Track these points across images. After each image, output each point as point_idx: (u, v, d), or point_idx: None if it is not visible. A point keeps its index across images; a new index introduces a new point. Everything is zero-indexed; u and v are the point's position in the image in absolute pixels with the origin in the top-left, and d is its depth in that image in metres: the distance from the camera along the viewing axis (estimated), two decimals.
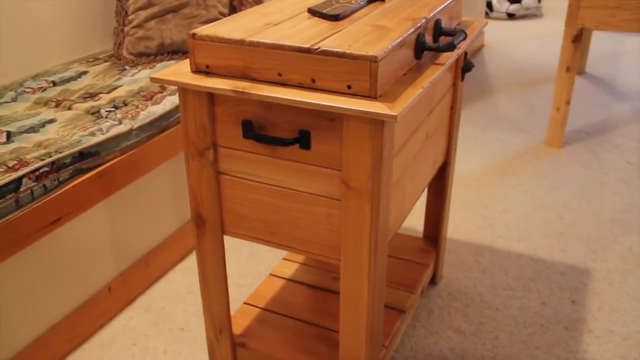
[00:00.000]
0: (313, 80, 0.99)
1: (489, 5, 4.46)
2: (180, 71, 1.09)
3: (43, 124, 1.53)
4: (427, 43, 1.11)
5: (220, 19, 2.11)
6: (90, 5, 2.12)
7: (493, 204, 2.11)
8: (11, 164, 1.32)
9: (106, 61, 2.03)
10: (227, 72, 1.05)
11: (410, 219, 2.03)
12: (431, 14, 1.16)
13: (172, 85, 1.06)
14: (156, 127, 1.63)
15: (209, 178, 1.15)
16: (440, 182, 1.60)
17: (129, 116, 1.59)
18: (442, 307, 1.64)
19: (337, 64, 0.96)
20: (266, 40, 1.00)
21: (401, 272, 1.58)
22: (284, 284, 1.55)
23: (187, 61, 1.12)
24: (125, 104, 1.65)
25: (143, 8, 2.02)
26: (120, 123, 1.55)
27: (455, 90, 1.45)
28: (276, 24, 1.09)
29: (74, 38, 2.09)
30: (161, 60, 2.00)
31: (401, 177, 1.17)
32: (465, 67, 1.43)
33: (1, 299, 1.32)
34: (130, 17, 2.03)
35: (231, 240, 1.93)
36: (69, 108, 1.64)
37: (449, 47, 1.10)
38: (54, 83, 1.82)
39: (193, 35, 1.05)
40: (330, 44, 0.97)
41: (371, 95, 0.96)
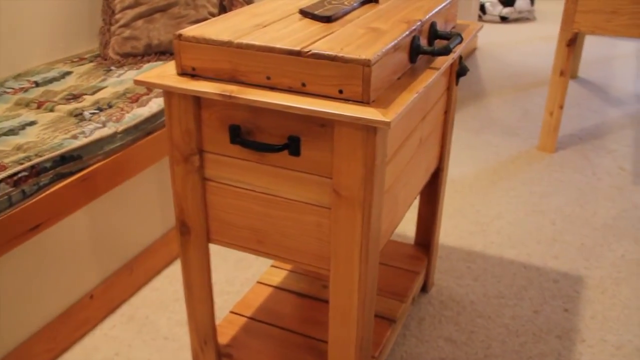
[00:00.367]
0: (303, 84, 0.95)
1: (482, 8, 4.45)
2: (165, 73, 1.05)
3: (23, 127, 1.48)
4: (422, 46, 1.07)
5: (209, 19, 2.07)
6: (75, 3, 2.07)
7: (485, 210, 2.08)
8: None
9: (91, 61, 1.98)
10: (214, 75, 1.01)
11: (401, 224, 1.99)
12: (426, 17, 1.12)
13: (157, 88, 1.02)
14: (141, 130, 1.58)
15: (195, 184, 1.11)
16: (432, 188, 1.56)
17: (114, 119, 1.54)
18: (434, 316, 1.60)
19: (329, 68, 0.92)
20: (255, 42, 0.96)
21: (392, 280, 1.54)
22: (272, 292, 1.51)
23: (173, 63, 1.08)
24: (109, 106, 1.60)
25: (130, 7, 1.97)
26: (104, 126, 1.50)
27: (449, 94, 1.42)
28: (266, 26, 1.05)
29: (58, 37, 2.04)
30: (148, 61, 1.95)
31: (394, 185, 1.13)
32: (460, 71, 1.39)
33: None
34: (117, 16, 1.98)
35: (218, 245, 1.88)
36: (51, 110, 1.59)
37: (445, 51, 1.06)
38: (37, 83, 1.77)
39: (179, 36, 1.01)
40: (321, 47, 0.93)
41: (364, 100, 0.92)
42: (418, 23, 1.08)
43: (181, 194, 1.13)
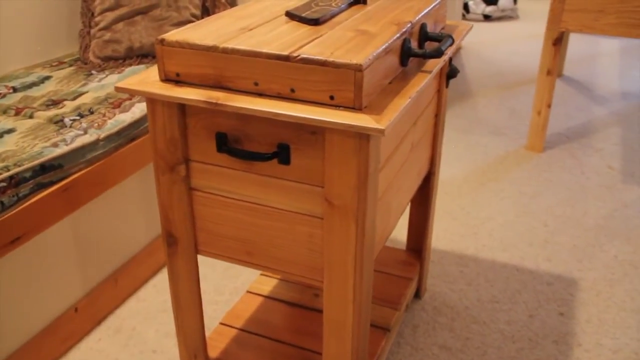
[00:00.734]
0: (292, 90, 0.91)
1: (465, 6, 4.44)
2: (148, 80, 1.00)
3: (1, 134, 1.43)
4: (413, 49, 1.04)
5: (192, 22, 2.02)
6: (53, 5, 2.01)
7: (476, 212, 2.06)
8: None
9: (71, 65, 1.93)
10: (199, 81, 0.97)
11: None
12: (416, 18, 1.09)
13: (139, 95, 0.97)
14: (124, 137, 1.54)
15: (181, 195, 1.07)
16: (424, 192, 1.53)
17: (95, 125, 1.49)
18: (428, 322, 1.57)
19: (319, 73, 0.88)
20: (241, 46, 0.92)
21: (385, 288, 1.51)
22: (262, 302, 1.47)
23: (156, 68, 1.04)
24: (91, 112, 1.55)
25: (110, 9, 1.92)
26: (85, 133, 1.46)
27: (439, 97, 1.39)
28: (252, 29, 1.01)
29: (36, 40, 1.98)
30: (130, 64, 1.90)
31: (386, 192, 1.10)
32: (450, 73, 1.36)
33: None
34: (96, 19, 1.93)
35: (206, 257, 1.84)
36: (30, 116, 1.54)
37: (437, 54, 1.03)
38: (14, 89, 1.71)
39: (162, 40, 0.97)
40: (310, 51, 0.90)
41: (356, 106, 0.89)
42: (408, 25, 1.05)
43: (167, 205, 1.09)
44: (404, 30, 1.02)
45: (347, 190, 0.93)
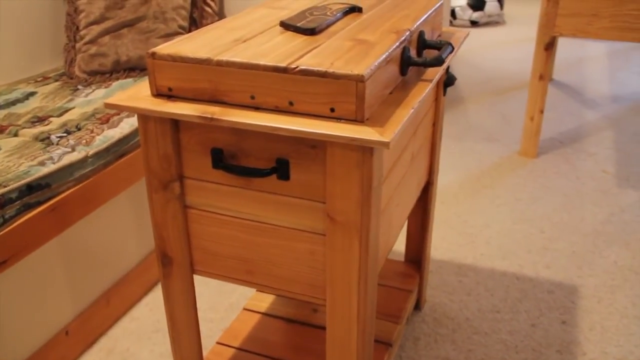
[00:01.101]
0: (291, 103, 0.88)
1: (452, 12, 4.44)
2: (139, 95, 0.97)
3: None
4: (413, 58, 1.01)
5: (180, 33, 1.98)
6: (37, 19, 1.97)
7: (472, 220, 2.03)
8: None
9: (57, 80, 1.88)
10: (193, 96, 0.93)
11: None
12: (414, 26, 1.06)
13: (131, 111, 0.93)
14: (113, 153, 1.49)
15: (176, 213, 1.03)
16: (422, 203, 1.50)
17: (83, 142, 1.45)
18: (429, 335, 1.54)
19: (318, 85, 0.85)
20: (236, 59, 0.89)
21: (385, 301, 1.47)
22: (260, 319, 1.43)
23: (147, 83, 1.00)
24: (78, 129, 1.51)
25: (96, 22, 1.88)
26: (73, 150, 1.41)
27: (437, 106, 1.36)
28: (246, 40, 0.98)
29: (20, 55, 1.93)
30: (117, 78, 1.86)
31: (388, 205, 1.06)
32: (447, 81, 1.34)
33: None
34: (81, 33, 1.89)
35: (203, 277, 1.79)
36: (15, 134, 1.49)
37: (437, 62, 1.00)
38: None
39: (152, 54, 0.93)
40: (309, 62, 0.87)
41: (357, 118, 0.85)
42: (407, 33, 1.02)
43: (161, 224, 1.05)
44: (403, 38, 1.00)
45: (350, 205, 0.90)
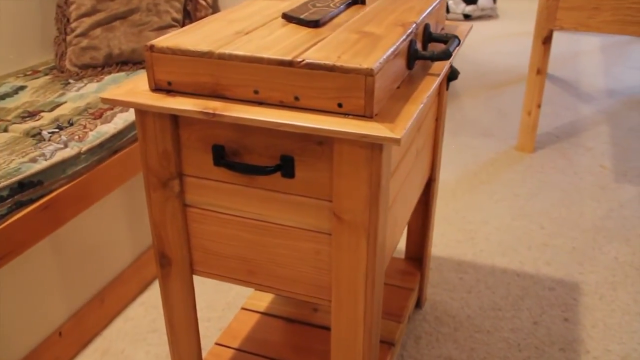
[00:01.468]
0: (296, 98, 0.85)
1: (445, 6, 4.41)
2: (136, 89, 0.93)
3: None
4: (420, 51, 0.98)
5: (174, 26, 1.94)
6: (26, 11, 1.91)
7: (471, 216, 2.01)
8: None
9: (47, 74, 1.84)
10: (194, 90, 0.90)
11: None
12: (420, 18, 1.03)
13: (128, 107, 0.90)
14: (107, 149, 1.45)
15: (175, 212, 0.99)
16: (424, 199, 1.48)
17: (76, 138, 1.40)
18: (430, 333, 1.51)
19: (326, 79, 0.82)
20: (239, 52, 0.85)
21: (386, 300, 1.45)
22: (259, 319, 1.40)
23: (144, 77, 0.96)
24: (70, 124, 1.47)
25: (87, 15, 1.83)
26: (66, 146, 1.37)
27: (440, 100, 1.34)
28: (247, 33, 0.95)
29: (8, 48, 1.88)
30: (109, 72, 1.81)
31: (394, 203, 1.03)
32: (450, 75, 1.31)
33: None
34: (72, 25, 1.84)
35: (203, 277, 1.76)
36: (5, 130, 1.44)
37: (445, 56, 0.97)
38: None
39: (151, 47, 0.89)
40: (315, 56, 0.83)
41: (366, 114, 0.82)
42: (413, 26, 0.99)
43: (159, 223, 1.01)
44: (410, 31, 0.96)
45: (358, 204, 0.87)
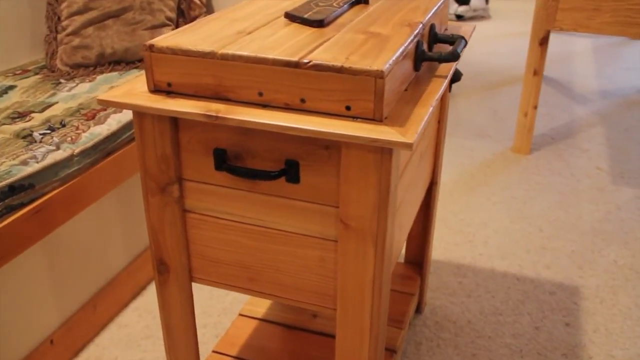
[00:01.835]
0: (302, 100, 0.82)
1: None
2: (134, 90, 0.89)
3: None
4: (428, 53, 0.95)
5: (168, 25, 1.90)
6: (15, 8, 1.87)
7: (469, 218, 1.99)
8: None
9: (37, 73, 1.79)
10: (195, 92, 0.86)
11: None
12: (426, 18, 1.01)
13: (127, 108, 0.86)
14: (101, 151, 1.41)
15: (174, 217, 0.96)
16: (425, 203, 1.45)
17: (69, 139, 1.36)
18: (431, 339, 1.49)
19: (333, 81, 0.79)
20: (243, 52, 0.82)
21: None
22: (257, 326, 1.37)
23: (143, 78, 0.93)
24: (63, 125, 1.42)
25: (79, 13, 1.79)
26: (58, 148, 1.33)
27: (442, 103, 1.31)
28: (250, 32, 0.91)
29: None
30: (102, 72, 1.77)
31: (399, 208, 1.01)
32: (454, 77, 1.28)
33: None
34: (63, 23, 1.79)
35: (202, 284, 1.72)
36: None
37: (453, 57, 0.94)
38: None
39: (150, 47, 0.86)
40: (322, 57, 0.80)
41: (376, 117, 0.79)
42: (420, 26, 0.96)
43: (158, 229, 0.98)
44: (417, 31, 0.94)
45: (366, 210, 0.84)
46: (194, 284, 1.68)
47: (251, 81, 0.83)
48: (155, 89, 0.89)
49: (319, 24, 0.95)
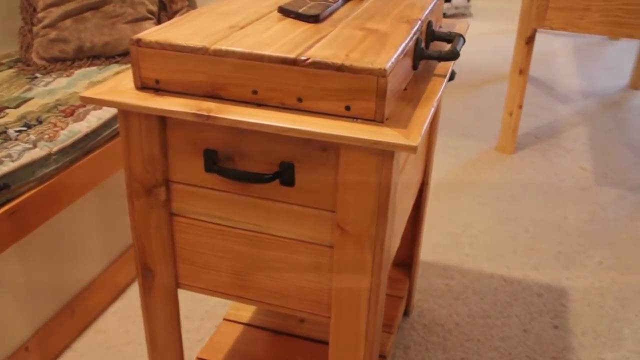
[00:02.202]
0: (299, 99, 0.78)
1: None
2: (119, 87, 0.84)
3: None
4: (427, 51, 0.92)
5: (149, 18, 1.84)
6: None
7: (455, 219, 1.96)
8: None
9: (11, 67, 1.72)
10: (185, 89, 0.82)
11: None
12: (424, 15, 0.97)
13: (112, 106, 0.81)
14: (80, 149, 1.35)
15: (160, 222, 0.91)
16: (415, 205, 1.42)
17: (46, 137, 1.30)
18: (419, 343, 1.46)
19: (332, 80, 0.75)
20: (237, 48, 0.78)
21: None
22: (243, 331, 1.33)
23: (129, 74, 0.88)
24: (39, 122, 1.36)
25: (55, 4, 1.71)
26: (35, 146, 1.27)
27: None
28: (242, 27, 0.87)
29: None
30: (80, 66, 1.70)
31: (395, 212, 0.97)
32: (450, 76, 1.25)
33: None
34: (39, 15, 1.72)
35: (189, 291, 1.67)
36: None
37: (453, 56, 0.91)
38: None
39: (138, 41, 0.81)
40: (320, 54, 0.76)
41: (377, 118, 0.76)
42: (419, 23, 0.93)
43: (142, 233, 0.93)
44: (416, 28, 0.90)
45: (364, 214, 0.80)
46: None
47: (245, 79, 0.78)
48: (142, 86, 0.84)
49: (315, 19, 0.91)
